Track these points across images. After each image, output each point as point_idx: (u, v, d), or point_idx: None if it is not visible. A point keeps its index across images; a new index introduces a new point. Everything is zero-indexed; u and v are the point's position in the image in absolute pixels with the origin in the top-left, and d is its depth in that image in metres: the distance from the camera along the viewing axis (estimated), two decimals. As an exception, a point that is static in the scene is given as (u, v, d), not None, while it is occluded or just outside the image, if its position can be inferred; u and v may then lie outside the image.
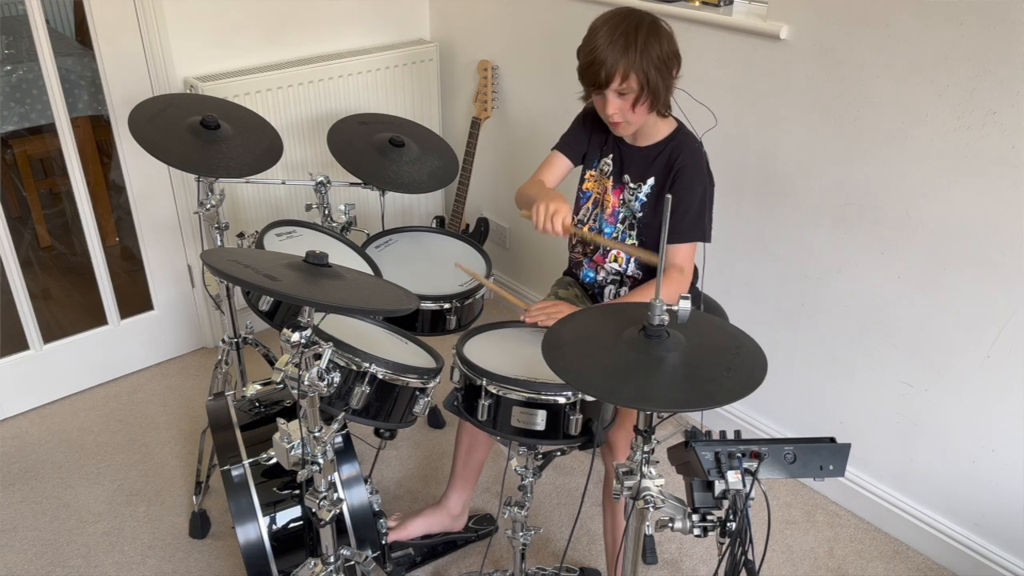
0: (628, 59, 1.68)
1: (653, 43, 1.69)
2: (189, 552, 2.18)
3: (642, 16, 1.73)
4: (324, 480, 1.55)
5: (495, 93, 2.96)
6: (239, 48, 2.72)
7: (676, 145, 1.84)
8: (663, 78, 1.72)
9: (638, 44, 1.68)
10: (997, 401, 1.94)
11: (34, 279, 3.22)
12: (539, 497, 2.36)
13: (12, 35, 3.12)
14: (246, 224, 2.79)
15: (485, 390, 1.59)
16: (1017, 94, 1.71)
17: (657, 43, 1.70)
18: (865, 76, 1.94)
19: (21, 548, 2.18)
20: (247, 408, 1.91)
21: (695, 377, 1.19)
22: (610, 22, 1.72)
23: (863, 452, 2.25)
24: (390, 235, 2.26)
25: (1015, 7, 1.66)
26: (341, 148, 2.23)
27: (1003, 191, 1.79)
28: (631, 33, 1.68)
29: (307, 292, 1.31)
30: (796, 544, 2.23)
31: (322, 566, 1.66)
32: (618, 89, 1.72)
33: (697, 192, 1.81)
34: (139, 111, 2.02)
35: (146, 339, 2.88)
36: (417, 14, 3.12)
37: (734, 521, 1.19)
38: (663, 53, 1.71)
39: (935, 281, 1.96)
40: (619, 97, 1.74)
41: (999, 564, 2.04)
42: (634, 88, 1.71)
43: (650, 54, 1.69)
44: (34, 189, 3.42)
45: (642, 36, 1.69)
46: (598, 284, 2.02)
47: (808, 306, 2.26)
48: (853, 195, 2.05)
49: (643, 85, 1.70)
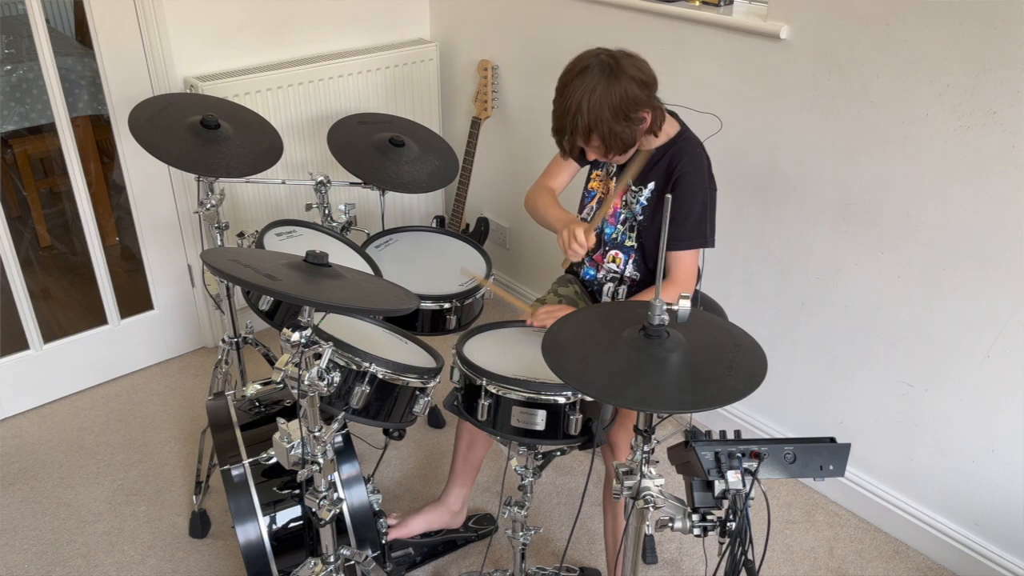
0: (581, 130, 1.71)
1: (604, 100, 1.67)
2: (189, 552, 2.18)
3: (601, 64, 1.70)
4: (324, 480, 1.55)
5: (495, 93, 2.96)
6: (239, 48, 2.72)
7: (677, 151, 1.84)
8: (628, 127, 1.72)
9: (589, 111, 1.68)
10: (997, 401, 1.94)
11: (34, 279, 3.22)
12: (539, 497, 2.36)
13: (12, 35, 3.12)
14: (246, 224, 2.79)
15: (485, 390, 1.59)
16: (1017, 94, 1.71)
17: (608, 97, 1.68)
18: (865, 76, 1.94)
19: (21, 548, 2.18)
20: (247, 408, 1.91)
21: (698, 377, 1.19)
22: (571, 83, 1.71)
23: (863, 452, 2.25)
24: (390, 235, 2.26)
25: (1015, 7, 1.66)
26: (341, 148, 2.23)
27: (1003, 191, 1.79)
28: (588, 93, 1.68)
29: (307, 292, 1.31)
30: (796, 544, 2.23)
31: (322, 566, 1.66)
32: (588, 148, 1.78)
33: (697, 199, 1.80)
34: (139, 111, 2.02)
35: (146, 339, 2.88)
36: (417, 14, 3.12)
37: (734, 521, 1.19)
38: (616, 104, 1.68)
39: (935, 281, 1.96)
40: (595, 149, 1.78)
41: (999, 564, 2.04)
42: (599, 145, 1.75)
43: (601, 115, 1.68)
44: (34, 189, 3.42)
45: (596, 96, 1.67)
46: (597, 282, 2.02)
47: (808, 306, 2.26)
48: (853, 195, 2.05)
49: (606, 140, 1.73)
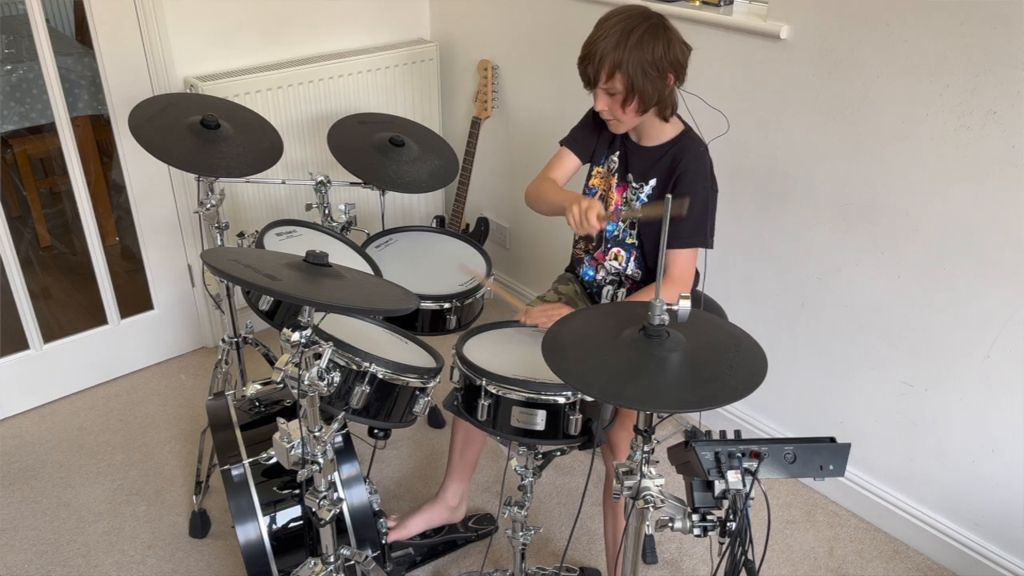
0: (614, 58, 1.66)
1: (648, 45, 1.66)
2: (189, 552, 2.18)
3: (648, 16, 1.69)
4: (324, 480, 1.55)
5: (495, 93, 2.96)
6: (239, 48, 2.72)
7: (680, 148, 1.83)
8: (652, 83, 1.69)
9: (629, 44, 1.65)
10: (997, 401, 1.94)
11: (34, 279, 3.22)
12: (539, 497, 2.36)
13: (12, 35, 3.11)
14: (246, 224, 2.79)
15: (485, 390, 1.59)
16: (1017, 94, 1.71)
17: (652, 46, 1.66)
18: (865, 76, 1.94)
19: (21, 548, 2.18)
20: (247, 408, 1.91)
21: (699, 376, 1.19)
22: (612, 18, 1.70)
23: (863, 452, 2.25)
24: (390, 235, 2.26)
25: (1015, 7, 1.66)
26: (341, 148, 2.23)
27: (1003, 191, 1.78)
28: (626, 32, 1.65)
29: (307, 292, 1.31)
30: (796, 544, 2.23)
31: (322, 566, 1.66)
32: (605, 87, 1.72)
33: (698, 197, 1.78)
34: (139, 110, 2.02)
35: (146, 339, 2.88)
36: (417, 14, 3.12)
37: (734, 521, 1.19)
38: (656, 57, 1.67)
39: (935, 281, 1.96)
40: (608, 95, 1.73)
41: (999, 564, 2.04)
42: (619, 89, 1.70)
43: (641, 56, 1.65)
44: (34, 188, 3.42)
45: (636, 37, 1.65)
46: (597, 283, 2.01)
47: (808, 306, 2.26)
48: (853, 195, 2.05)
49: (628, 87, 1.68)
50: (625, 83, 1.68)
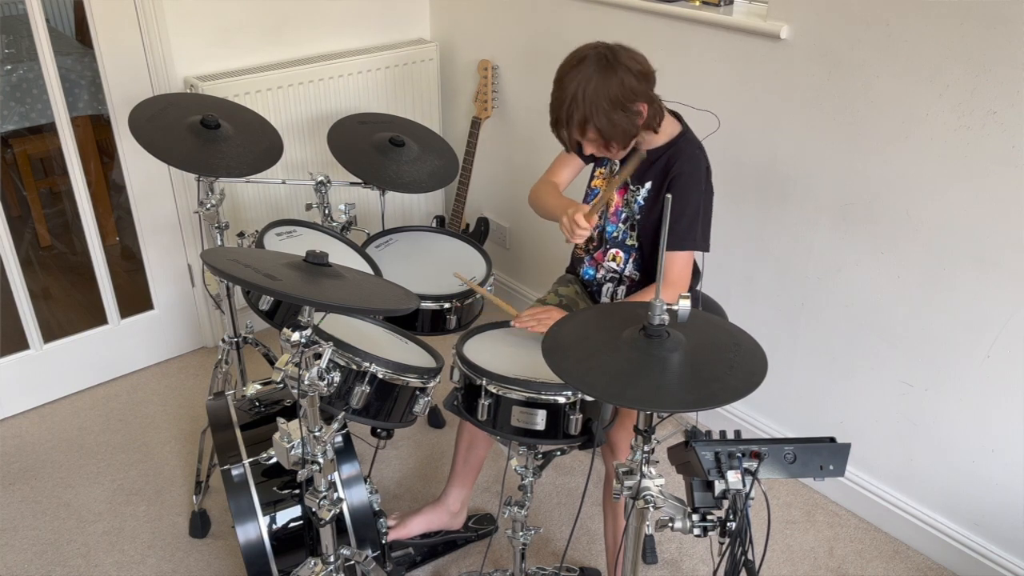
0: (579, 117, 1.69)
1: (602, 90, 1.66)
2: (189, 552, 2.18)
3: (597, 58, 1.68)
4: (324, 480, 1.55)
5: (495, 93, 2.96)
6: (239, 48, 2.72)
7: (675, 151, 1.83)
8: (623, 119, 1.70)
9: (587, 97, 1.66)
10: (997, 401, 1.94)
11: (34, 278, 3.22)
12: (539, 497, 2.36)
13: (12, 34, 3.11)
14: (246, 224, 2.79)
15: (485, 390, 1.59)
16: (1017, 94, 1.71)
17: (606, 88, 1.66)
18: (865, 76, 1.94)
19: (21, 548, 2.18)
20: (247, 408, 1.91)
21: (699, 376, 1.19)
22: (566, 75, 1.70)
23: (863, 452, 2.25)
24: (390, 235, 2.26)
25: (1015, 7, 1.66)
26: (341, 148, 2.23)
27: (1003, 191, 1.79)
28: (583, 84, 1.66)
29: (307, 292, 1.31)
30: (796, 544, 2.23)
31: (322, 566, 1.66)
32: (584, 141, 1.76)
33: (691, 200, 1.79)
34: (139, 110, 2.02)
35: (146, 339, 2.88)
36: (417, 14, 3.12)
37: (734, 521, 1.19)
38: (614, 96, 1.67)
39: (935, 281, 1.96)
40: (592, 143, 1.77)
41: (999, 564, 2.04)
42: (595, 137, 1.73)
43: (599, 104, 1.67)
44: (34, 188, 3.42)
45: (592, 87, 1.66)
46: (596, 282, 2.02)
47: (808, 306, 2.26)
48: (853, 195, 2.05)
49: (603, 134, 1.71)
50: (599, 131, 1.71)
